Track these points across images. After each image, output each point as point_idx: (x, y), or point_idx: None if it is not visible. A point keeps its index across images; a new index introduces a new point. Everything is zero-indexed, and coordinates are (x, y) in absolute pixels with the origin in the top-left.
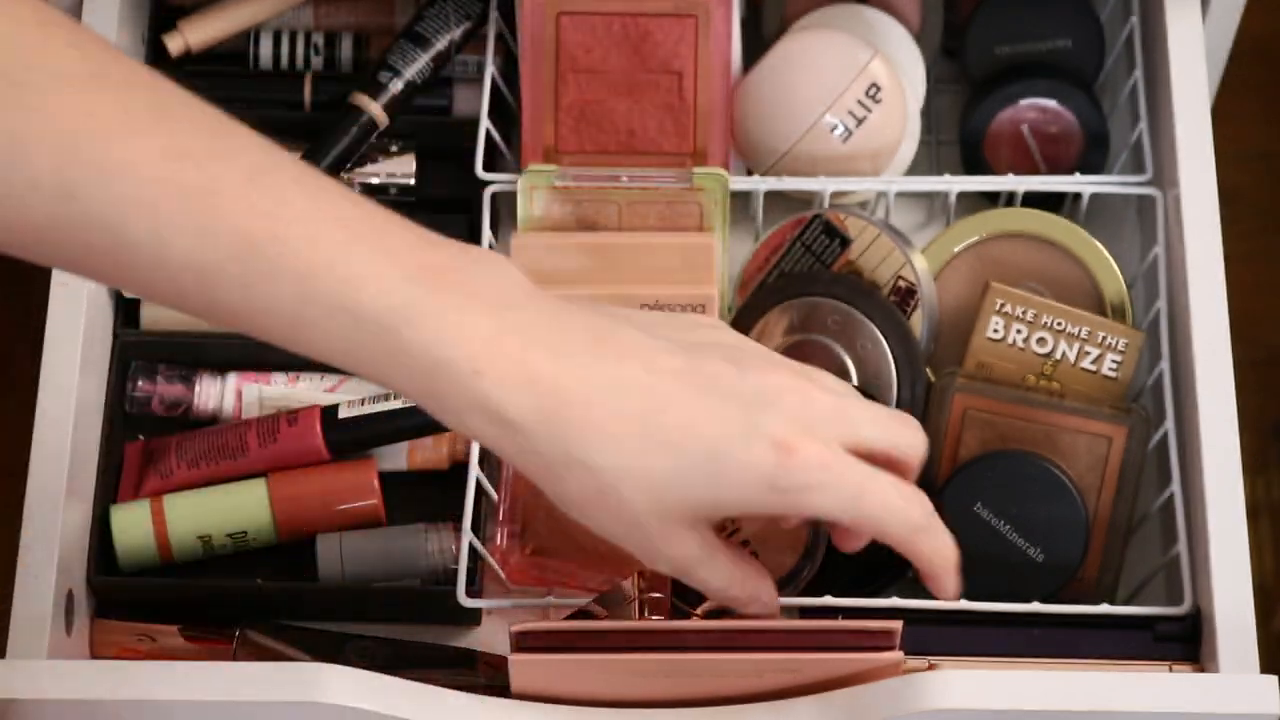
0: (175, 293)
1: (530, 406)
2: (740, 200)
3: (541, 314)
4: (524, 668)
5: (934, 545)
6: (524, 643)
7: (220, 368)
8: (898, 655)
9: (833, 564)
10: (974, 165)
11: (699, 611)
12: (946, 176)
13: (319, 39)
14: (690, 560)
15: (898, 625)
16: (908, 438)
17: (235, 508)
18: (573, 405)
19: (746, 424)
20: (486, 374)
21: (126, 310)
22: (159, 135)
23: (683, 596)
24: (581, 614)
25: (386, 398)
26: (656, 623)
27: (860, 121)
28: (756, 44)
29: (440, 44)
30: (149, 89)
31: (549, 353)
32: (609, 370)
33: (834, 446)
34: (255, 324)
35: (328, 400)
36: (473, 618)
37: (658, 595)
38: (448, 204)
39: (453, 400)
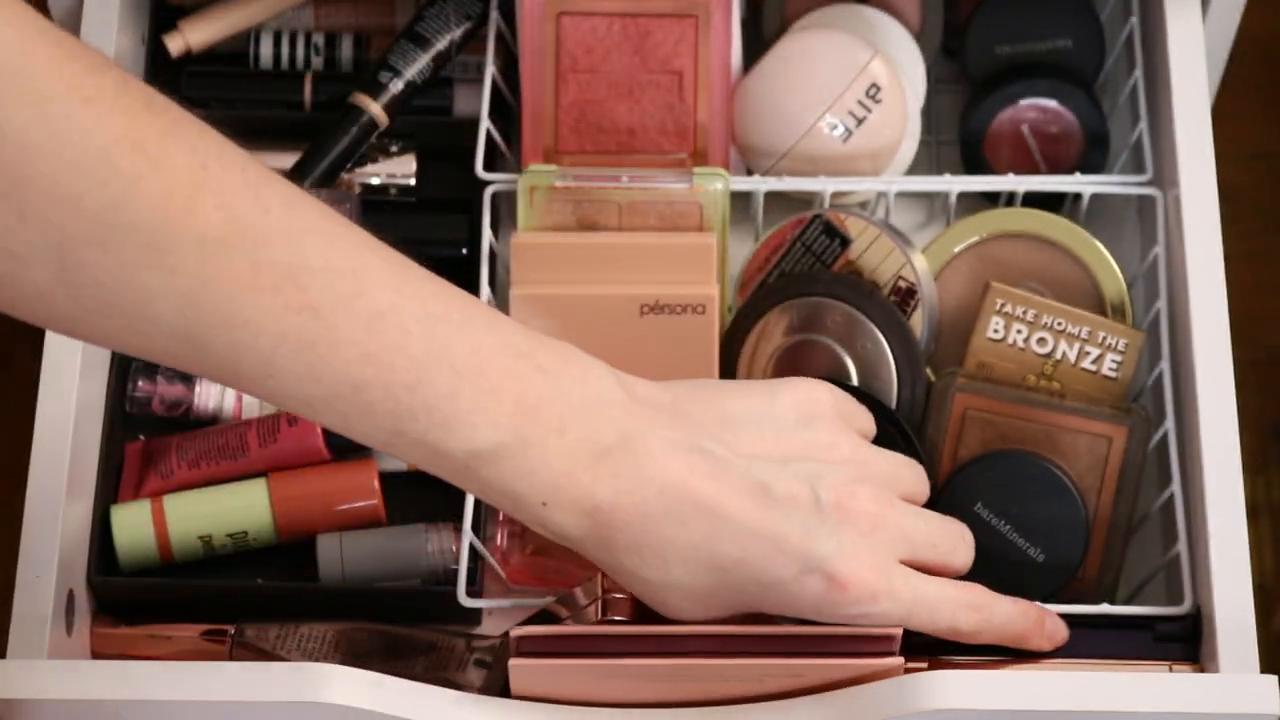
0: (280, 407)
1: (589, 530)
2: (740, 200)
3: (622, 442)
4: (524, 672)
5: (991, 634)
6: (524, 647)
7: None
8: (898, 661)
9: None
10: (974, 165)
11: None
12: (947, 176)
13: (319, 39)
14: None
15: (898, 631)
16: (958, 563)
17: (235, 508)
18: (628, 532)
19: (801, 559)
20: (552, 506)
21: None
22: (285, 291)
23: None
24: (543, 614)
25: None
26: (658, 628)
27: (860, 121)
28: (756, 44)
29: (440, 44)
30: (288, 240)
31: (614, 486)
32: (671, 500)
33: (886, 573)
34: (351, 438)
35: None
36: (473, 618)
37: (620, 595)
38: (448, 204)
39: (521, 518)
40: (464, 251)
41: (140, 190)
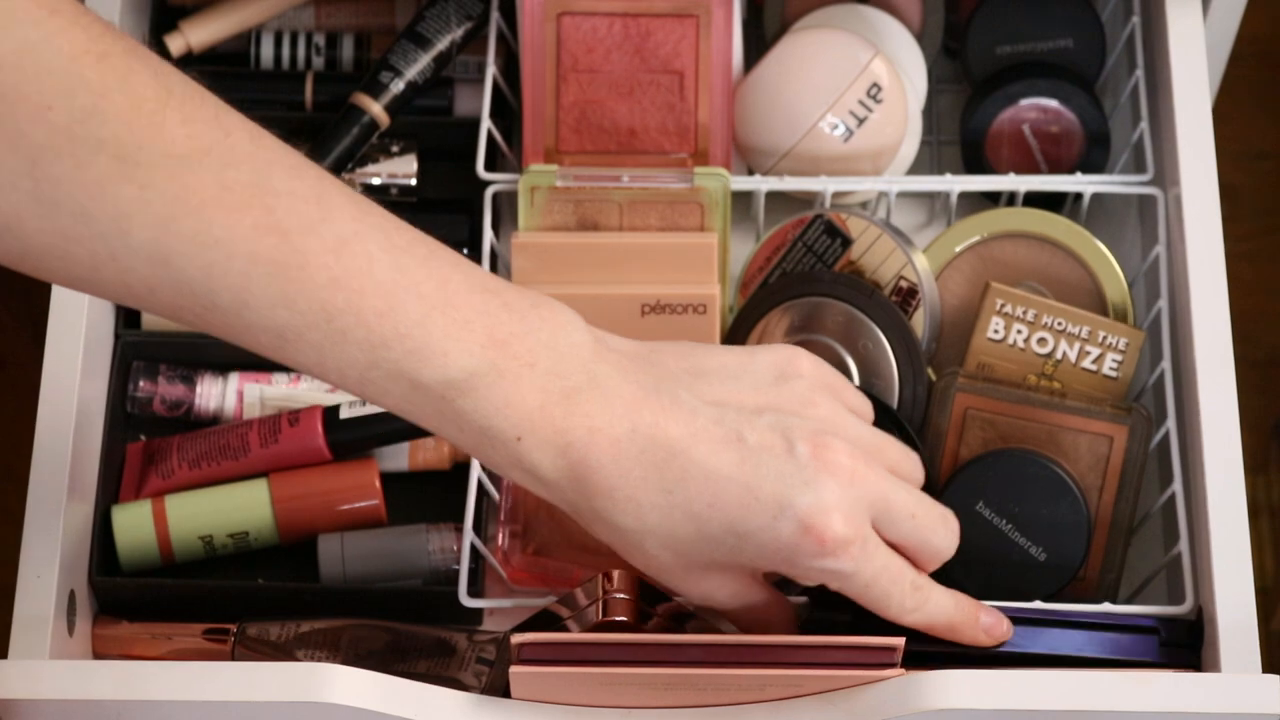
0: (255, 346)
1: (564, 469)
2: (741, 200)
3: (591, 382)
4: (525, 679)
5: (923, 618)
6: (525, 654)
7: (222, 368)
8: (899, 672)
9: None
10: (975, 165)
11: (660, 611)
12: (948, 176)
13: (320, 39)
14: (716, 600)
15: (899, 642)
16: (937, 542)
17: (237, 508)
18: (602, 472)
19: (776, 505)
20: (527, 441)
21: (128, 311)
22: (254, 211)
23: (645, 597)
24: (544, 615)
25: None
26: (659, 636)
27: (861, 121)
28: (757, 44)
29: (441, 44)
30: (253, 163)
31: (586, 424)
32: (643, 441)
33: (861, 529)
34: (326, 378)
35: (329, 400)
36: (474, 618)
37: (621, 596)
38: (449, 204)
39: (496, 458)
40: (465, 251)
41: (108, 102)
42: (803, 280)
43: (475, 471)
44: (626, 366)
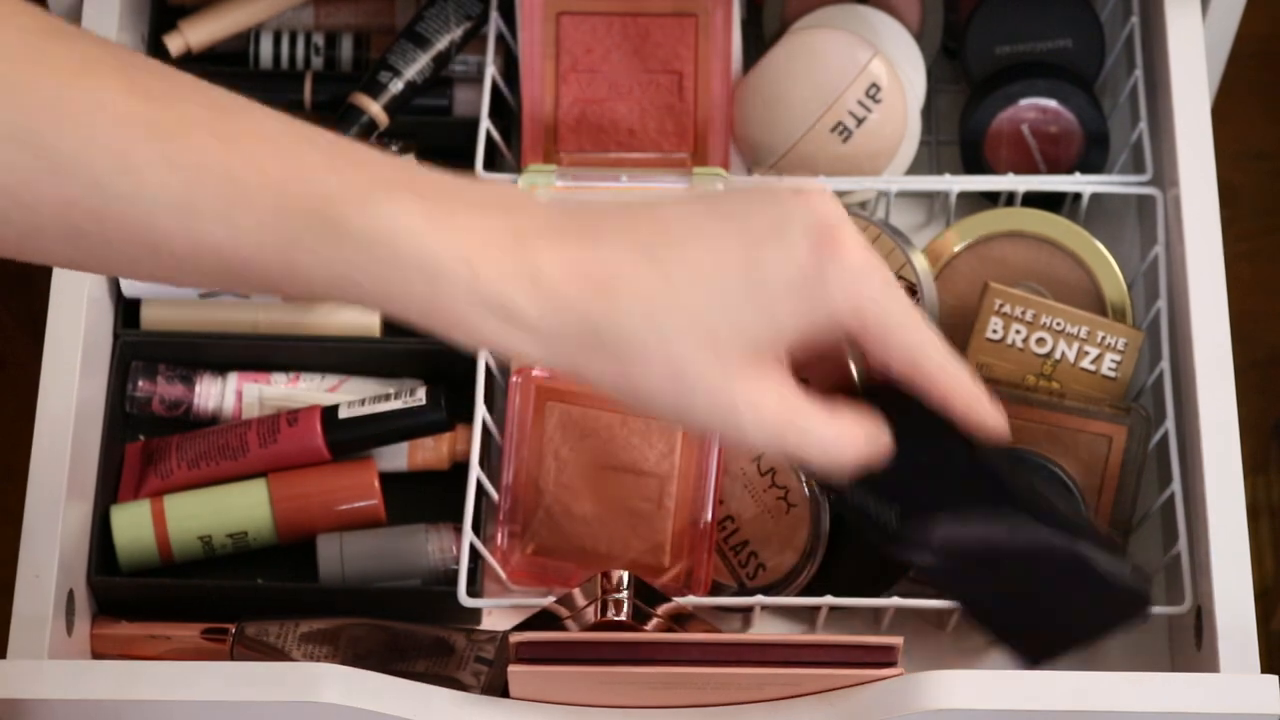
0: (166, 238)
1: (540, 299)
2: None
3: (540, 213)
4: (523, 678)
5: (956, 381)
6: (523, 653)
7: (221, 368)
8: (898, 671)
9: (833, 564)
10: (974, 165)
11: (660, 611)
12: (947, 176)
13: (319, 39)
14: (781, 423)
15: (899, 641)
16: None
17: (235, 508)
18: (587, 278)
19: (777, 228)
20: (484, 270)
21: (127, 310)
22: (120, 78)
23: (644, 597)
24: (543, 615)
25: (387, 398)
26: (658, 635)
27: (860, 121)
28: (756, 44)
29: (441, 44)
30: (104, 45)
31: (548, 241)
32: (614, 238)
33: (875, 254)
34: (246, 267)
35: (328, 400)
36: (473, 618)
37: (619, 596)
38: None
39: (457, 307)
40: None
41: None
42: None
43: (474, 471)
44: (579, 203)
